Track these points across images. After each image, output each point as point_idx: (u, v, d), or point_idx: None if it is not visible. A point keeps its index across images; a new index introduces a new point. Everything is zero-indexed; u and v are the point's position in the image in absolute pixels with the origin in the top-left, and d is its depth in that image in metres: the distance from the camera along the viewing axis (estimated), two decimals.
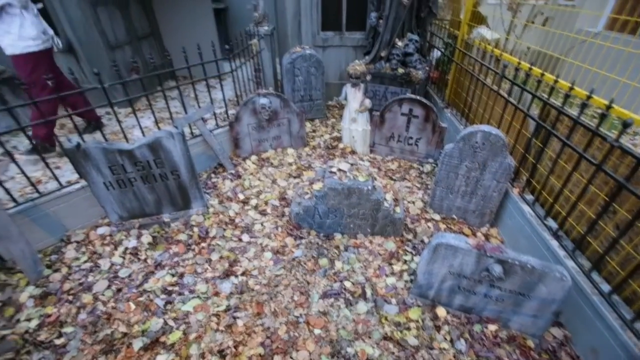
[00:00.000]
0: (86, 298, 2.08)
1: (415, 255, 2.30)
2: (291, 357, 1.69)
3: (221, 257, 2.25)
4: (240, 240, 2.39)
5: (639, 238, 1.57)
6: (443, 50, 3.77)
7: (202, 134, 2.83)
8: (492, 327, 1.82)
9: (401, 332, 1.82)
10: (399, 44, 3.47)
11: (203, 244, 2.35)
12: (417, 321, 1.88)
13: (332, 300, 1.99)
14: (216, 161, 3.09)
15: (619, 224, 1.72)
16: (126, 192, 2.30)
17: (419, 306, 1.95)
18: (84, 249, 2.40)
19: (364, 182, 2.21)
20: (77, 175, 2.42)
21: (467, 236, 2.39)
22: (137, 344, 1.77)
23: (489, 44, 3.00)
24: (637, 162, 1.42)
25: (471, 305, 1.85)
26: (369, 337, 1.80)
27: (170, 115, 2.78)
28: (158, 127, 2.76)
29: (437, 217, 2.62)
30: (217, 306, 1.95)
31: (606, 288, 1.60)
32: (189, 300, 2.00)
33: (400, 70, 3.50)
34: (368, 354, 1.71)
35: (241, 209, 2.65)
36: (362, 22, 4.03)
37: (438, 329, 1.85)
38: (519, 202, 2.24)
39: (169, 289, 2.09)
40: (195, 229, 2.44)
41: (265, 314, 1.90)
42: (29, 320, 1.97)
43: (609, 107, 1.58)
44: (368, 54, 3.81)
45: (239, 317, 1.88)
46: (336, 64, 4.27)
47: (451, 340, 1.79)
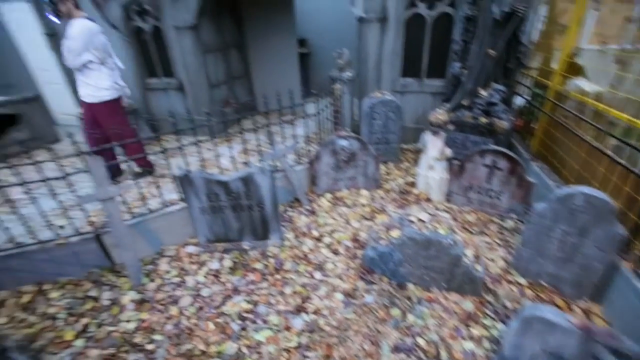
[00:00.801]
0: (173, 310, 2.30)
1: (497, 321, 2.10)
2: None
3: (294, 292, 2.33)
4: (313, 277, 2.45)
5: None
6: (530, 100, 3.59)
7: (284, 169, 3.05)
8: None
9: None
10: (483, 93, 3.41)
11: (277, 276, 2.47)
12: None
13: (403, 355, 1.90)
14: (293, 195, 3.28)
15: None
16: (216, 218, 2.57)
17: None
18: (174, 264, 2.69)
19: (444, 235, 2.14)
20: (172, 197, 2.78)
21: (561, 308, 2.13)
22: None
23: (588, 97, 2.80)
24: None
25: None
26: None
27: (258, 150, 3.08)
28: (243, 157, 3.07)
29: (523, 281, 2.38)
30: (288, 341, 2.00)
31: None
32: (262, 330, 2.09)
33: (483, 120, 3.41)
34: None
35: (314, 245, 2.74)
36: (442, 70, 4.08)
37: None
38: (632, 279, 1.94)
39: (244, 315, 2.21)
40: (271, 260, 2.58)
41: (335, 359, 1.88)
42: (128, 321, 2.24)
43: None
44: (448, 102, 3.81)
45: (308, 357, 1.89)
46: (413, 109, 4.33)
47: None
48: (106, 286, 2.53)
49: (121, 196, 2.52)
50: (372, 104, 3.67)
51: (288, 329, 2.08)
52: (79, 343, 2.12)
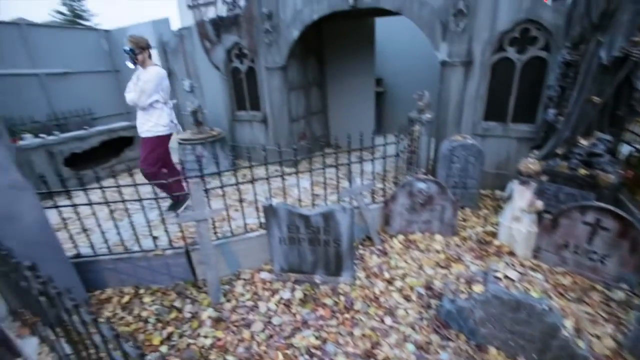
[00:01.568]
0: (245, 334, 2.39)
1: None
2: None
3: (363, 335, 2.27)
4: (383, 321, 2.37)
5: None
6: None
7: (359, 206, 3.09)
8: None
9: None
10: (583, 142, 3.10)
11: (347, 315, 2.44)
12: None
13: None
14: (365, 233, 3.28)
15: None
16: (292, 249, 2.68)
17: None
18: (248, 287, 2.84)
19: (537, 298, 1.93)
20: (250, 221, 2.98)
21: None
22: None
23: None
24: None
25: None
26: None
27: (331, 183, 3.19)
28: (312, 189, 3.19)
29: None
30: None
31: None
32: None
33: (583, 171, 3.08)
34: None
35: (385, 288, 2.67)
36: (531, 115, 3.83)
37: None
38: None
39: (312, 351, 2.21)
40: (342, 298, 2.57)
41: None
42: (206, 337, 2.39)
43: None
44: (538, 148, 3.54)
45: None
46: (495, 154, 4.10)
47: None
48: (189, 299, 2.77)
49: (213, 219, 2.79)
50: (451, 147, 3.58)
51: None
52: (164, 349, 2.32)
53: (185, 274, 2.93)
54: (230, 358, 2.23)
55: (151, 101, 3.27)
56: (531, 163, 2.82)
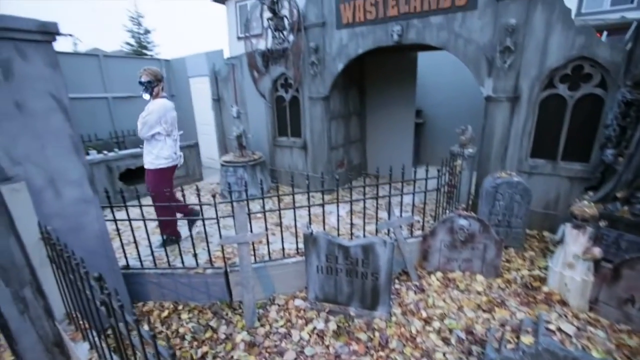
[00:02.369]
0: None
1: None
2: None
3: None
4: None
5: None
6: None
7: (397, 240, 3.04)
8: None
9: None
10: None
11: (382, 353, 2.35)
12: None
13: None
14: (401, 267, 3.20)
15: None
16: (329, 279, 2.67)
17: None
18: (282, 313, 2.84)
19: (599, 359, 1.75)
20: (287, 247, 3.02)
21: None
22: None
23: None
24: None
25: None
26: None
27: (376, 215, 3.17)
28: (351, 219, 3.19)
29: None
30: None
31: None
32: None
33: None
34: None
35: (422, 328, 2.55)
36: (585, 153, 3.63)
37: None
38: None
39: None
40: (377, 334, 2.49)
41: None
42: None
43: None
44: (593, 190, 3.32)
45: None
46: (543, 193, 3.89)
47: None
48: (224, 320, 2.82)
49: (254, 243, 2.88)
50: (496, 183, 3.46)
51: None
52: None
53: (222, 294, 3.00)
54: None
55: (153, 133, 3.26)
56: (587, 206, 2.64)
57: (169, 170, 3.45)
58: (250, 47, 5.42)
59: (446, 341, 2.44)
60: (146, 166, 3.38)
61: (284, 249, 3.06)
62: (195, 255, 3.00)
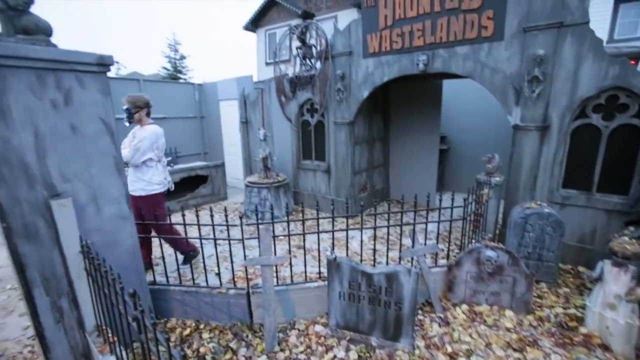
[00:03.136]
0: None
1: None
2: None
3: None
4: None
5: None
6: None
7: (421, 269, 2.97)
8: None
9: None
10: None
11: None
12: None
13: None
14: (425, 298, 3.10)
15: None
16: (351, 306, 2.63)
17: None
18: (302, 339, 2.80)
19: None
20: (309, 271, 3.01)
21: None
22: None
23: None
24: None
25: None
26: None
27: (400, 243, 3.13)
28: (374, 245, 3.15)
29: None
30: None
31: None
32: None
33: None
34: None
35: None
36: (622, 184, 3.46)
37: None
38: None
39: None
40: None
41: None
42: None
43: None
44: (634, 224, 3.13)
45: None
46: (577, 225, 3.71)
47: None
48: (244, 342, 2.81)
49: (277, 265, 2.91)
50: (525, 214, 3.35)
51: None
52: None
53: (242, 315, 3.01)
54: None
55: (145, 159, 3.29)
56: (628, 242, 2.50)
57: (160, 195, 3.49)
58: (279, 72, 5.68)
59: None
60: (137, 193, 3.31)
61: (306, 272, 3.06)
62: (219, 275, 3.06)
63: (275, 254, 2.84)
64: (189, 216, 5.23)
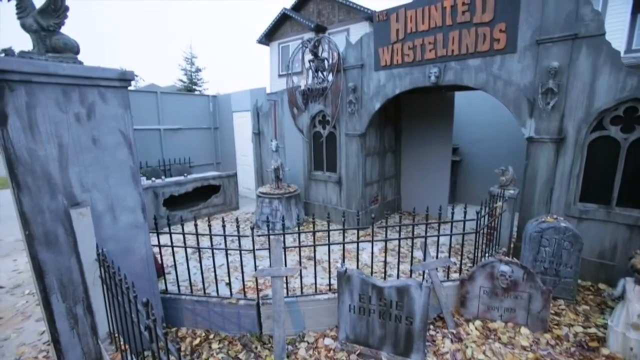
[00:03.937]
0: None
1: None
2: None
3: None
4: None
5: None
6: None
7: (433, 283, 2.92)
8: None
9: None
10: None
11: None
12: None
13: None
14: (437, 313, 3.04)
15: None
16: (361, 319, 2.60)
17: None
18: (311, 352, 2.77)
19: None
20: (319, 282, 2.99)
21: None
22: None
23: None
24: None
25: None
26: None
27: (411, 255, 3.09)
28: (385, 256, 3.11)
29: None
30: None
31: None
32: None
33: None
34: None
35: None
36: None
37: None
38: None
39: None
40: None
41: None
42: None
43: None
44: None
45: None
46: (596, 241, 3.59)
47: None
48: (252, 353, 2.80)
49: (287, 277, 2.91)
50: (541, 228, 3.27)
51: None
52: None
53: (252, 326, 3.01)
54: None
55: None
56: None
57: None
58: (291, 84, 5.78)
59: None
60: None
61: (316, 284, 3.05)
62: (230, 285, 3.08)
63: (286, 264, 2.85)
64: (201, 225, 5.30)
